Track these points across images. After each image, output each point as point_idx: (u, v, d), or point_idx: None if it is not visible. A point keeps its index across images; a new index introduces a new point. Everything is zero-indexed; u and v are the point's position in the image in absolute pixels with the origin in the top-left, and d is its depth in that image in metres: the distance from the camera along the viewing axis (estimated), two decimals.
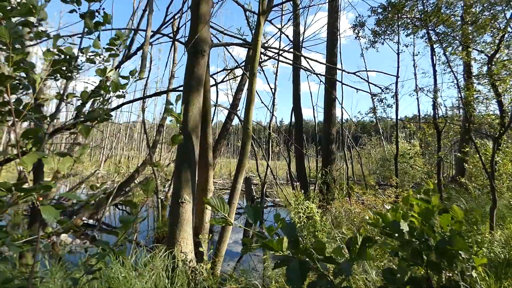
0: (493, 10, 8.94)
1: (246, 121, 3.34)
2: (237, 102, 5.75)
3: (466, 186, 9.58)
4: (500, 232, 6.14)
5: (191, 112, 3.44)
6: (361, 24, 8.85)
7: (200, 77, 3.58)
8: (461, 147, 10.69)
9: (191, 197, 3.30)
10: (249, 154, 15.23)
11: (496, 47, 7.85)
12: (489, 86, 8.90)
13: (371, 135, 27.22)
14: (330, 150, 9.40)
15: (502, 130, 7.28)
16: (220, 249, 3.22)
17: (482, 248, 3.65)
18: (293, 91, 10.05)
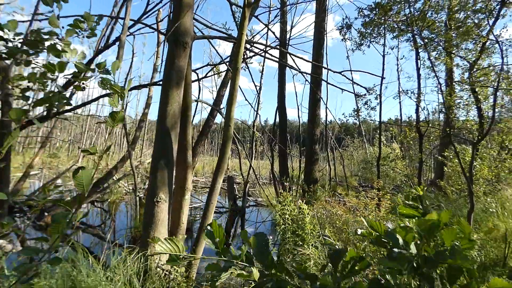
0: (477, 18, 9.14)
1: (227, 118, 3.20)
2: (221, 98, 5.59)
3: (445, 190, 9.76)
4: (476, 235, 6.25)
5: (170, 106, 3.27)
6: (347, 26, 8.86)
7: (181, 70, 3.41)
8: (441, 151, 10.90)
9: (168, 196, 3.13)
10: (232, 153, 15.15)
11: (478, 54, 8.02)
12: (470, 92, 9.11)
13: (354, 137, 27.59)
14: (313, 150, 9.38)
15: (480, 136, 7.44)
16: (197, 250, 3.07)
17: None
18: (279, 90, 9.98)
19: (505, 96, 11.74)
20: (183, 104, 3.57)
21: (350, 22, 8.78)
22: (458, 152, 9.64)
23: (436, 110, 10.06)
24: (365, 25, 8.12)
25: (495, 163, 9.77)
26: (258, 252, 1.24)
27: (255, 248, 1.26)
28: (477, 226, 7.50)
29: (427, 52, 7.12)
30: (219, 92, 5.68)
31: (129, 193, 12.08)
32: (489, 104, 8.87)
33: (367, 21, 8.01)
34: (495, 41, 7.37)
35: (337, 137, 32.95)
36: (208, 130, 5.55)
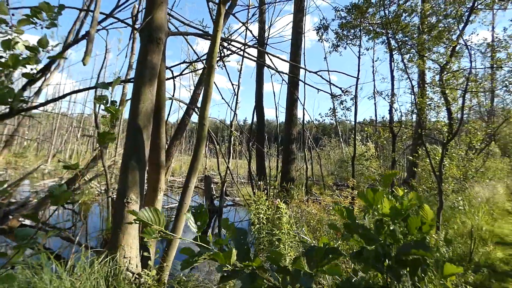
0: (447, 22, 9.52)
1: (202, 117, 3.13)
2: (197, 97, 5.49)
3: (416, 188, 10.10)
4: (444, 232, 6.50)
5: (142, 103, 3.16)
6: (324, 27, 8.98)
7: (154, 66, 3.30)
8: (414, 151, 11.28)
9: (139, 196, 3.02)
10: (210, 153, 14.93)
11: (448, 57, 8.34)
12: (440, 94, 9.47)
13: (331, 137, 28.04)
14: (290, 150, 9.43)
15: (450, 136, 7.75)
16: (169, 252, 2.98)
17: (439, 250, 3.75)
18: (256, 89, 9.96)
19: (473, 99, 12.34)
20: (156, 102, 3.46)
21: (327, 23, 8.91)
22: (429, 152, 10.01)
23: (409, 111, 10.42)
24: (342, 27, 8.25)
25: (463, 162, 10.21)
26: (236, 242, 1.20)
27: (234, 238, 1.22)
28: (446, 223, 7.80)
29: (400, 55, 7.31)
30: (196, 90, 5.57)
31: (102, 194, 11.69)
32: (458, 106, 9.26)
33: (344, 22, 8.13)
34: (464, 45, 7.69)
35: (315, 137, 33.38)
36: (184, 129, 5.43)
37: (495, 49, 10.28)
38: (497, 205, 11.10)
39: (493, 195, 11.65)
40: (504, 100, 17.77)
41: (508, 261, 6.04)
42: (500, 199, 11.99)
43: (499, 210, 10.75)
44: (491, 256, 5.89)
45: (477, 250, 5.93)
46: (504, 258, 6.14)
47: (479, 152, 13.33)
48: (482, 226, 7.47)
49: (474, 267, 5.22)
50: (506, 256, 6.32)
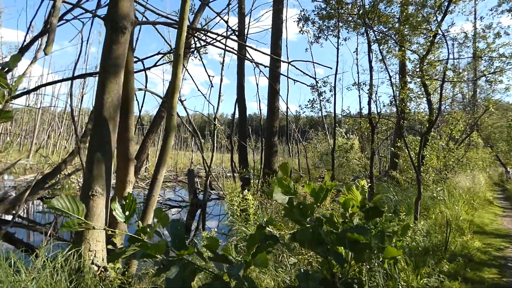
0: (426, 12, 9.55)
1: (170, 107, 3.06)
2: None
3: (398, 179, 10.24)
4: (423, 222, 6.60)
5: (107, 94, 3.07)
6: (305, 18, 8.91)
7: (119, 57, 3.20)
8: (395, 143, 11.42)
9: (105, 189, 2.95)
10: (197, 147, 14.64)
11: (428, 46, 8.38)
12: (420, 85, 9.56)
13: (318, 130, 28.16)
14: (272, 142, 9.41)
15: (427, 126, 7.82)
16: None
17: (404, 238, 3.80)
18: (237, 82, 9.86)
19: (454, 89, 12.49)
20: (124, 93, 3.37)
21: (308, 15, 8.84)
22: (410, 143, 10.15)
23: (389, 102, 10.48)
24: (322, 18, 8.20)
25: (443, 153, 10.37)
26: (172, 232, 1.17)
27: (168, 228, 1.19)
28: (425, 213, 7.92)
29: (378, 46, 7.32)
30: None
31: None
32: (437, 97, 9.37)
33: (323, 14, 8.09)
34: (442, 36, 7.75)
35: (302, 130, 33.49)
36: (159, 121, 5.34)
37: (475, 39, 10.42)
38: (478, 194, 11.35)
39: (473, 185, 11.92)
40: (485, 90, 18.10)
41: (485, 250, 6.16)
42: (481, 189, 12.27)
43: (480, 200, 10.99)
44: (469, 245, 5.98)
45: (454, 239, 6.04)
46: (481, 247, 6.25)
47: (460, 142, 13.58)
48: (460, 216, 7.61)
49: (450, 256, 5.32)
50: (484, 245, 6.45)
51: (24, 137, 28.35)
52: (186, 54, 5.72)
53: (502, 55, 9.05)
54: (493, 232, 7.52)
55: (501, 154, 20.03)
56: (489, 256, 5.82)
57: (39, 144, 25.20)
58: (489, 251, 6.06)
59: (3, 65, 1.17)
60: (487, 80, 10.58)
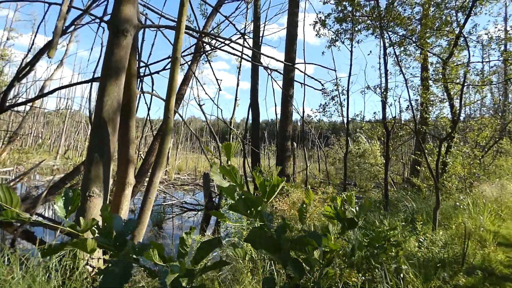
0: (449, 14, 9.17)
1: (167, 110, 3.07)
2: (181, 96, 5.44)
3: (419, 186, 9.81)
4: (442, 232, 6.25)
5: (107, 97, 3.12)
6: (322, 22, 8.78)
7: (121, 59, 3.26)
8: (416, 149, 10.96)
9: (103, 190, 2.99)
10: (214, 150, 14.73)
11: (451, 49, 8.01)
12: (443, 89, 9.15)
13: (340, 135, 27.66)
14: (285, 147, 9.29)
15: (452, 133, 7.45)
16: (139, 234, 2.94)
17: (400, 249, 3.59)
18: (251, 87, 9.85)
19: (477, 94, 11.87)
20: (126, 96, 3.42)
21: (324, 18, 8.70)
22: (431, 149, 9.71)
23: (407, 107, 10.00)
24: (338, 21, 8.05)
25: (468, 160, 9.85)
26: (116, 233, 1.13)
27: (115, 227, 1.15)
28: (447, 223, 7.51)
29: (393, 49, 7.07)
30: (181, 87, 5.52)
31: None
32: (464, 101, 8.93)
33: (339, 16, 7.93)
34: (464, 39, 7.39)
35: (324, 135, 33.11)
36: None
37: (504, 41, 9.88)
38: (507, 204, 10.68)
39: (502, 194, 11.22)
40: None
41: (509, 263, 5.76)
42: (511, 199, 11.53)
43: (509, 210, 10.33)
44: (490, 258, 5.62)
45: (475, 251, 5.68)
46: (505, 260, 5.85)
47: (488, 149, 12.85)
48: (482, 226, 7.17)
49: (468, 269, 5.00)
50: (508, 258, 6.03)
51: (54, 139, 29.74)
52: (196, 58, 5.77)
53: None
54: None
55: None
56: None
57: (67, 146, 26.34)
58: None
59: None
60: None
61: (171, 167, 21.25)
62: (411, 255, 4.88)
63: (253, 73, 9.76)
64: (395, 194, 9.76)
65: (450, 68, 7.98)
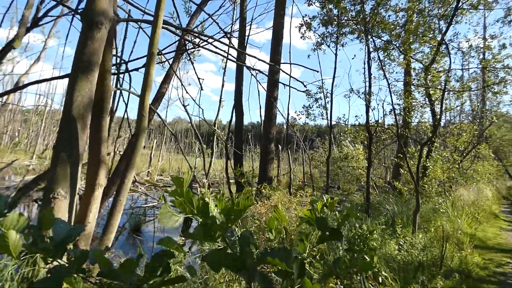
0: (433, 22, 9.35)
1: (141, 108, 2.93)
2: (161, 94, 5.27)
3: (400, 190, 9.93)
4: (421, 235, 6.31)
5: (77, 92, 2.94)
6: (307, 24, 8.77)
7: (94, 53, 3.08)
8: (399, 152, 11.11)
9: (69, 192, 2.80)
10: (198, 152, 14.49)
11: (433, 55, 8.15)
12: (424, 94, 9.31)
13: (325, 139, 27.87)
14: (268, 149, 9.20)
15: (433, 137, 7.56)
16: (106, 238, 2.77)
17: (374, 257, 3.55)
18: (236, 88, 9.74)
19: (457, 100, 12.17)
20: (98, 92, 3.25)
21: (310, 20, 8.68)
22: (413, 153, 9.85)
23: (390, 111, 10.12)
24: (323, 24, 8.06)
25: (447, 164, 10.05)
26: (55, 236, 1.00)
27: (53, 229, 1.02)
28: (426, 226, 7.60)
29: (377, 53, 7.12)
30: (162, 85, 5.36)
31: (81, 189, 11.44)
32: (444, 107, 9.09)
33: (325, 19, 7.94)
34: (445, 45, 7.52)
35: (310, 138, 33.31)
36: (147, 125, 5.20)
37: (483, 49, 10.15)
38: (483, 208, 10.96)
39: (479, 198, 11.51)
40: (492, 102, 17.70)
41: (485, 265, 5.86)
42: (487, 202, 11.85)
43: (485, 213, 10.60)
44: (468, 261, 5.70)
45: (453, 254, 5.75)
46: (481, 262, 5.95)
47: (467, 154, 13.18)
48: (460, 229, 7.29)
49: (446, 272, 5.04)
50: (484, 260, 6.14)
51: (32, 138, 28.73)
52: (178, 56, 5.62)
53: (506, 66, 8.78)
54: (495, 247, 7.20)
55: (510, 167, 19.52)
56: (489, 272, 5.56)
57: (45, 145, 25.44)
58: (489, 267, 5.79)
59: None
60: (492, 91, 10.28)
61: (153, 168, 20.83)
62: (391, 259, 4.88)
63: (237, 74, 9.64)
64: (377, 197, 9.84)
65: (432, 74, 8.11)
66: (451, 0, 8.24)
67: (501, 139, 19.67)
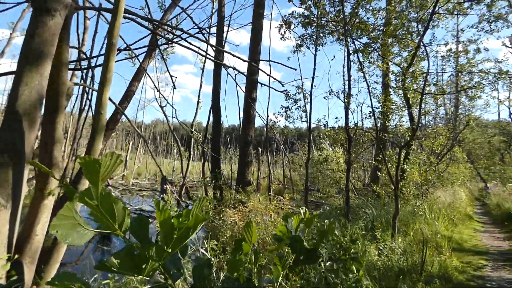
0: (411, 26, 9.44)
1: (98, 104, 2.60)
2: (131, 93, 4.90)
3: (378, 193, 9.92)
4: (401, 239, 6.23)
5: (24, 86, 2.58)
6: (287, 23, 8.60)
7: (46, 43, 2.73)
8: (377, 155, 11.13)
9: (10, 199, 2.43)
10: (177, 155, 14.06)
11: (409, 59, 8.18)
12: (403, 97, 9.35)
13: (306, 142, 27.91)
14: (247, 152, 8.93)
15: (411, 140, 7.56)
16: (48, 273, 2.41)
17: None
18: (213, 89, 9.41)
19: (433, 104, 12.41)
20: (53, 87, 2.89)
21: (289, 20, 8.52)
22: (392, 156, 9.88)
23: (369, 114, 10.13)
24: (303, 25, 7.92)
25: (424, 167, 10.14)
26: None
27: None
28: (405, 229, 7.57)
29: (357, 55, 7.03)
30: (131, 83, 4.99)
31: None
32: (422, 111, 9.17)
33: (305, 21, 7.80)
34: (424, 48, 7.55)
35: (290, 141, 33.34)
36: (114, 124, 4.82)
37: (455, 55, 10.37)
38: (459, 209, 11.17)
39: (454, 200, 11.74)
40: (466, 106, 18.29)
41: (463, 269, 5.85)
42: (462, 204, 12.11)
43: (460, 214, 10.79)
44: (447, 265, 5.67)
45: (432, 258, 5.70)
46: (460, 266, 5.94)
47: (442, 157, 13.44)
48: (438, 233, 7.30)
49: (426, 277, 4.96)
50: (462, 264, 6.15)
51: None
52: (150, 52, 5.28)
53: (481, 71, 8.96)
54: (471, 249, 7.27)
55: (482, 169, 20.22)
56: (467, 275, 5.56)
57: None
58: (467, 271, 5.80)
59: None
60: (467, 95, 10.51)
61: (129, 172, 20.12)
62: (371, 266, 4.75)
63: (215, 74, 9.32)
64: (356, 200, 9.78)
65: (410, 77, 8.13)
66: (429, 4, 8.32)
67: (473, 142, 20.38)
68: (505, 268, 5.90)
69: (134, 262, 0.67)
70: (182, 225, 0.71)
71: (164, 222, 0.73)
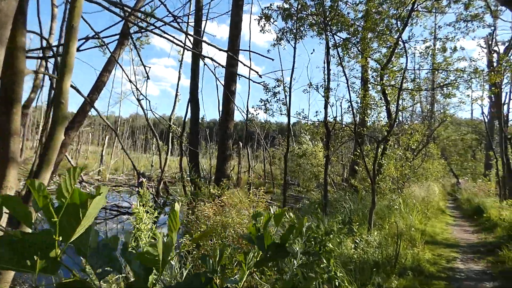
0: (390, 23, 9.55)
1: (59, 93, 2.40)
2: (101, 83, 4.66)
3: (356, 187, 10.06)
4: (376, 232, 6.33)
5: None
6: (266, 16, 8.49)
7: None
8: (355, 150, 11.29)
9: None
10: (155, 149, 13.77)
11: (387, 55, 8.29)
12: (381, 94, 9.48)
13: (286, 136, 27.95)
14: (226, 146, 8.80)
15: (387, 136, 7.68)
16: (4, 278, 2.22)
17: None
18: (191, 80, 9.19)
19: (410, 101, 12.73)
20: (6, 75, 2.66)
21: (269, 13, 8.42)
22: (369, 151, 10.03)
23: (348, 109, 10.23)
24: (283, 19, 7.83)
25: (400, 162, 10.37)
26: None
27: None
28: (381, 223, 7.70)
29: (336, 50, 7.02)
30: (102, 73, 4.74)
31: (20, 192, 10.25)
32: (400, 106, 9.33)
33: (286, 14, 7.71)
34: (402, 44, 7.65)
35: (271, 136, 33.37)
36: (83, 117, 4.57)
37: (432, 52, 10.60)
38: (432, 204, 11.54)
39: (428, 194, 12.12)
40: (441, 104, 18.86)
41: (435, 261, 6.02)
42: (435, 199, 12.52)
43: (433, 209, 11.15)
44: (420, 257, 5.80)
45: (406, 251, 5.83)
46: (432, 258, 6.10)
47: (418, 153, 13.82)
48: (412, 226, 7.48)
49: (400, 270, 5.05)
50: (434, 256, 6.33)
51: None
52: (122, 41, 5.03)
53: (457, 69, 9.20)
54: (443, 242, 7.51)
55: (454, 165, 20.98)
56: (439, 267, 5.72)
57: None
58: (439, 263, 5.97)
59: None
60: (442, 93, 10.77)
61: (105, 167, 19.56)
62: (347, 259, 4.77)
63: (193, 65, 9.10)
64: (334, 194, 9.88)
65: (388, 73, 8.23)
66: (408, 1, 8.41)
67: (447, 139, 21.11)
68: (473, 260, 6.12)
69: (15, 253, 0.55)
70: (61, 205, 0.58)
71: (45, 207, 0.60)
